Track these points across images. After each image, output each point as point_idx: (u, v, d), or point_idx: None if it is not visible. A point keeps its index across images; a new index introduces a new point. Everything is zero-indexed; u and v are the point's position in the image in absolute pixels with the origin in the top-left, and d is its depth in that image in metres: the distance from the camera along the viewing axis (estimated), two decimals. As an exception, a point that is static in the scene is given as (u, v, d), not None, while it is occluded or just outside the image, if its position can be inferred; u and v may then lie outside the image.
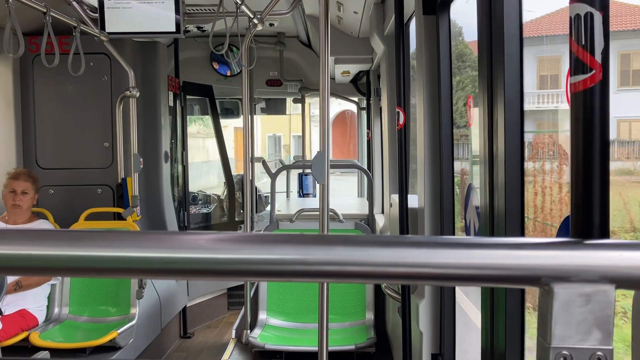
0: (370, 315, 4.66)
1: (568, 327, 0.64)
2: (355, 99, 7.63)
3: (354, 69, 6.30)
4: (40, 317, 4.45)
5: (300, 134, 7.65)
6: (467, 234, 2.33)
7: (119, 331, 4.18)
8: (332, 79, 6.71)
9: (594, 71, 0.79)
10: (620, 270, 0.63)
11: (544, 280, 0.64)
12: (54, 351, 4.01)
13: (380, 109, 5.37)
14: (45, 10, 3.55)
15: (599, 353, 0.64)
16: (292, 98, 7.40)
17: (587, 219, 0.79)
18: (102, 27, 3.90)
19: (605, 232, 0.80)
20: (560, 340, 0.64)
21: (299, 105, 7.33)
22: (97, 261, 0.69)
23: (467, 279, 0.66)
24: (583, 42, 0.79)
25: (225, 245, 0.69)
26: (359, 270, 0.63)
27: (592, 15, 0.79)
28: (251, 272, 0.69)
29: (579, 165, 0.80)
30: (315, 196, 7.31)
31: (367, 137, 6.86)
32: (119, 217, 5.00)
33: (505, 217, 1.75)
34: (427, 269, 0.64)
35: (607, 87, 0.80)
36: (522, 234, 1.74)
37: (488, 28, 1.90)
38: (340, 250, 0.66)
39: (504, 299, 1.76)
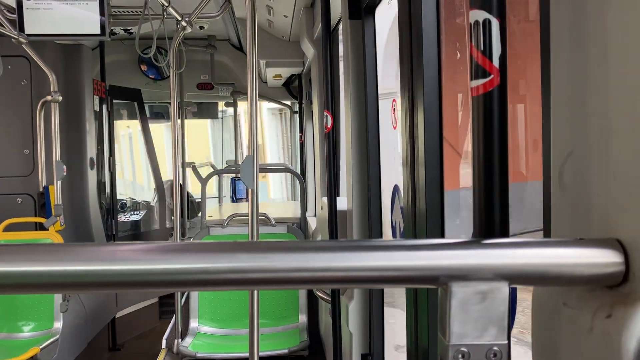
0: (303, 318, 4.66)
1: (465, 325, 0.65)
2: (288, 103, 7.63)
3: (285, 72, 6.29)
4: (-45, 335, 4.20)
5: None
6: (393, 235, 2.37)
7: (40, 347, 4.00)
8: (264, 82, 6.69)
9: (492, 76, 0.81)
10: (513, 268, 0.66)
11: (442, 279, 0.66)
12: None
13: (312, 112, 5.40)
14: None
15: (495, 348, 0.66)
16: (224, 102, 7.32)
17: (488, 219, 0.82)
18: (21, 29, 3.71)
19: (505, 231, 0.83)
20: (459, 338, 0.65)
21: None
22: (17, 277, 0.66)
23: (368, 281, 0.67)
24: (482, 48, 0.82)
25: (150, 255, 0.67)
26: (257, 277, 0.63)
27: (490, 22, 0.81)
28: (173, 282, 0.68)
29: (480, 167, 0.83)
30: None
31: (300, 140, 6.88)
32: (41, 227, 4.78)
33: (426, 218, 1.79)
34: (328, 273, 0.64)
35: (505, 91, 0.83)
36: (442, 233, 1.79)
37: (408, 33, 1.94)
38: (242, 258, 0.65)
39: (427, 298, 1.80)
